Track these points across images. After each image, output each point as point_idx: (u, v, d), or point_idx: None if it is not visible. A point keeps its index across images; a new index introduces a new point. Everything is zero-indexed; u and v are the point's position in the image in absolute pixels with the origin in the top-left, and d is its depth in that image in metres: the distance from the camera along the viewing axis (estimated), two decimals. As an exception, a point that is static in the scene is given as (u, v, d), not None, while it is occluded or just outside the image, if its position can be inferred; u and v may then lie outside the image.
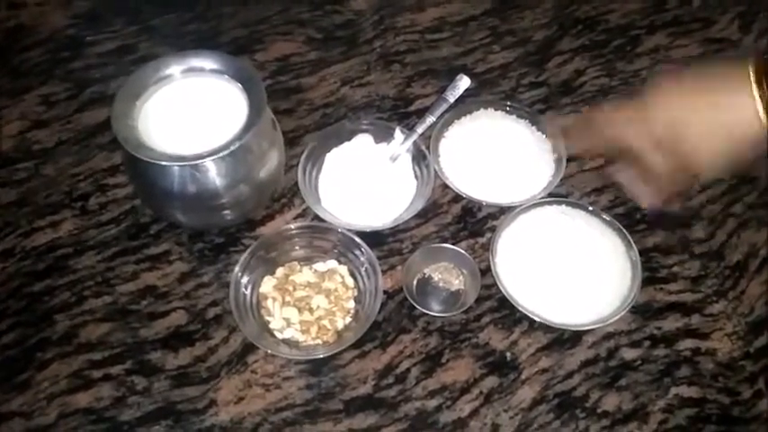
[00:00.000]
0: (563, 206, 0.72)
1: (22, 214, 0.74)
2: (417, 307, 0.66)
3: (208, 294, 0.69)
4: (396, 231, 0.72)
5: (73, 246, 0.72)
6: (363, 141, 0.77)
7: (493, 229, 0.72)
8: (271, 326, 0.65)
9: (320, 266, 0.69)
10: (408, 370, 0.64)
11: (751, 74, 0.48)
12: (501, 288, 0.66)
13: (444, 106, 0.76)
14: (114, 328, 0.67)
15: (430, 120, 0.76)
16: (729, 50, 0.89)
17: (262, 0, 0.94)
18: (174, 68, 0.66)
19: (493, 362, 0.65)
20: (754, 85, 0.47)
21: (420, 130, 0.75)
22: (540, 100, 0.84)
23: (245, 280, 0.66)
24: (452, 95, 0.76)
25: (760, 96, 0.47)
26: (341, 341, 0.64)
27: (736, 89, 0.48)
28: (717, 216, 0.74)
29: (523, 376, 0.64)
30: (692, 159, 0.52)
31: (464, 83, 0.77)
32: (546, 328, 0.65)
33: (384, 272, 0.69)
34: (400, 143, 0.76)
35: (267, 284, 0.67)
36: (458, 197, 0.74)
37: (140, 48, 0.89)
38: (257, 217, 0.74)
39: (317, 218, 0.72)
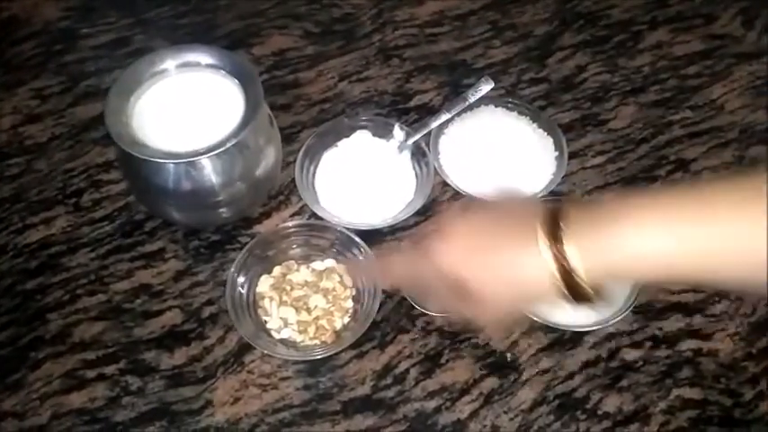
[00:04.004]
0: (564, 204, 0.71)
1: (14, 211, 0.73)
2: (416, 306, 0.66)
3: (203, 293, 0.68)
4: (395, 229, 0.71)
5: (66, 243, 0.71)
6: (362, 138, 0.76)
7: (493, 228, 0.71)
8: (268, 325, 0.65)
9: (318, 265, 0.68)
10: (407, 370, 0.64)
11: (539, 231, 0.41)
12: (501, 288, 0.65)
13: (462, 105, 0.75)
14: (108, 327, 0.66)
15: (445, 116, 0.75)
16: (732, 47, 0.88)
17: (258, -8, 0.93)
18: (170, 63, 0.65)
19: (493, 362, 0.64)
20: (541, 242, 0.41)
21: (434, 124, 0.74)
22: (542, 96, 0.83)
23: (241, 279, 0.65)
24: (473, 96, 0.76)
25: (551, 252, 0.40)
26: (339, 341, 0.63)
27: (525, 244, 0.42)
28: (719, 215, 0.73)
29: (524, 377, 0.63)
30: (477, 307, 0.46)
31: (487, 86, 0.76)
32: (546, 328, 0.65)
33: (383, 271, 0.68)
34: (404, 137, 0.75)
35: (264, 284, 0.66)
36: (457, 195, 0.73)
37: (135, 41, 0.88)
38: (254, 215, 0.73)
39: (314, 216, 0.71)
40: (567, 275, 0.40)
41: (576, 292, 0.41)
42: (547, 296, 0.42)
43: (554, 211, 0.42)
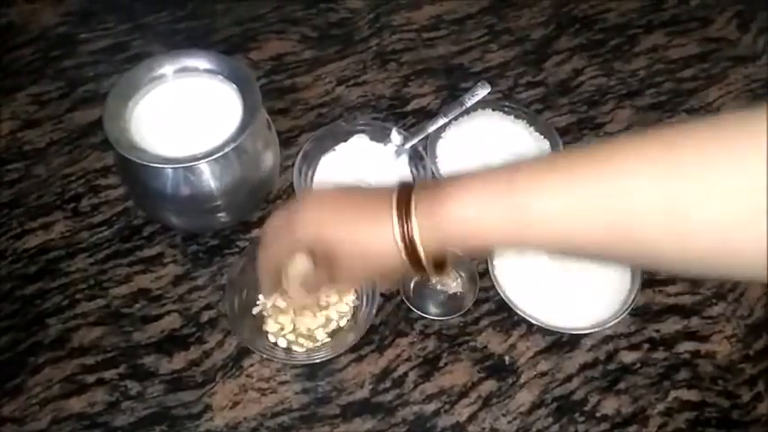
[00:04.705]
0: (561, 207, 0.71)
1: (13, 216, 0.73)
2: (414, 310, 0.66)
3: (202, 297, 0.68)
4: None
5: (65, 248, 0.71)
6: (359, 142, 0.76)
7: (491, 231, 0.72)
8: (266, 329, 0.65)
9: (316, 269, 0.68)
10: (406, 374, 0.64)
11: (392, 207, 0.44)
12: (499, 291, 0.65)
13: (459, 109, 0.76)
14: (107, 332, 0.66)
15: (442, 120, 0.75)
16: (728, 50, 0.88)
17: (255, -3, 0.93)
18: (168, 68, 0.65)
19: (491, 365, 0.64)
20: (394, 218, 0.43)
21: (431, 128, 0.75)
22: (538, 100, 0.83)
23: (240, 283, 0.65)
24: (470, 100, 0.76)
25: (399, 225, 0.43)
26: (337, 345, 0.63)
27: (378, 219, 0.44)
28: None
29: (522, 380, 0.63)
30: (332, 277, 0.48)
31: (484, 90, 0.76)
32: (544, 331, 0.65)
33: (381, 274, 0.68)
34: (401, 141, 0.75)
35: (262, 288, 0.66)
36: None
37: (133, 46, 0.88)
38: (252, 219, 0.73)
39: (312, 219, 0.71)
40: (411, 248, 0.43)
41: (419, 265, 0.44)
42: (396, 268, 0.45)
43: (407, 189, 0.44)
